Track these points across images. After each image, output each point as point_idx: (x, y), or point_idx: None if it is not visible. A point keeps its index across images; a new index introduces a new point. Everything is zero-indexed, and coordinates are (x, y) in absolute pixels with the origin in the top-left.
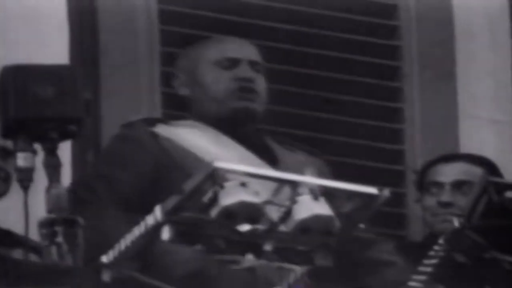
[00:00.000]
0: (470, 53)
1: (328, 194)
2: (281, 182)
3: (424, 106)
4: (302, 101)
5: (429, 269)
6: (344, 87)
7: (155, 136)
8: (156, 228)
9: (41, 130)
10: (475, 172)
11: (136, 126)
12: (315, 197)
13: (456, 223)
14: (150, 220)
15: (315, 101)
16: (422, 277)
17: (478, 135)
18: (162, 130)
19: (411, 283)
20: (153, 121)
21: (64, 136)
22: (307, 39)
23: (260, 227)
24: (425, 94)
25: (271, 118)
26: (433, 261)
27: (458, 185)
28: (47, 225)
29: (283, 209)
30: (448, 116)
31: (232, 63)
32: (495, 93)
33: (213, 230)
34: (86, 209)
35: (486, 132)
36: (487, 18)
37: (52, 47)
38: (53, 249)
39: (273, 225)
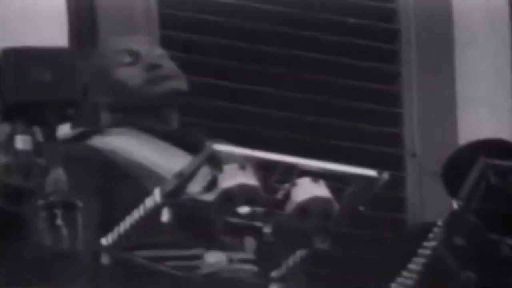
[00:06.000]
0: (469, 37)
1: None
2: (280, 164)
3: (423, 90)
4: (300, 83)
5: (427, 252)
6: (342, 70)
7: (98, 151)
8: (155, 211)
9: (39, 114)
10: None
11: (77, 142)
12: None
13: (455, 206)
14: (149, 202)
15: (313, 83)
16: (422, 260)
17: (476, 119)
18: (101, 142)
19: (411, 266)
20: (89, 134)
21: (62, 120)
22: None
23: (259, 209)
24: (423, 78)
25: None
26: (432, 243)
27: None
28: (46, 208)
29: (282, 192)
30: (446, 99)
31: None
32: (494, 77)
33: (212, 212)
34: None
35: (484, 116)
36: (486, 2)
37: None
38: (52, 232)
39: (272, 207)
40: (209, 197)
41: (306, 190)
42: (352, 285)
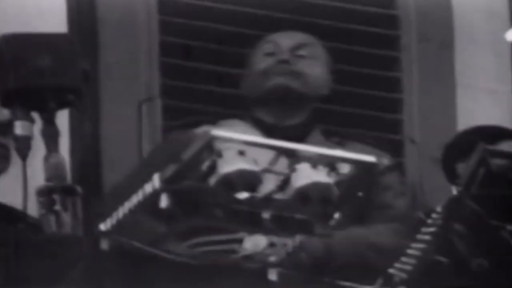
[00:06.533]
0: (468, 22)
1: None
2: (279, 150)
3: (423, 75)
4: None
5: (427, 237)
6: (342, 56)
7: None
8: (154, 196)
9: (38, 100)
10: None
11: (185, 129)
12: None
13: (454, 191)
14: (148, 188)
15: None
16: (421, 245)
17: (476, 105)
18: (202, 130)
19: (410, 251)
20: (201, 122)
21: (62, 105)
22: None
23: (259, 195)
24: (423, 64)
25: None
26: (431, 229)
27: None
28: (45, 193)
29: (281, 177)
30: (446, 85)
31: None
32: (493, 63)
33: (211, 198)
34: None
35: (484, 101)
36: None
37: None
38: (51, 218)
39: (271, 193)
40: (208, 182)
41: (306, 175)
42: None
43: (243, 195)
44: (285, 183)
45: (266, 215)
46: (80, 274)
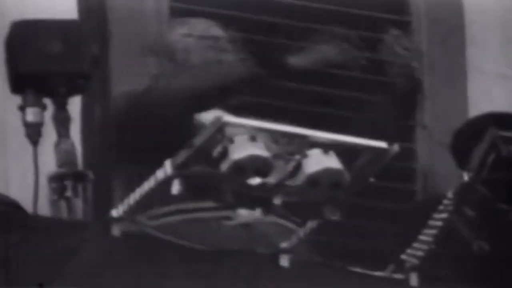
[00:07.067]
0: (478, 6)
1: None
2: (291, 136)
3: (434, 61)
4: None
5: (439, 223)
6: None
7: None
8: (166, 182)
9: (49, 85)
10: None
11: None
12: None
13: (465, 177)
14: (160, 174)
15: None
16: (433, 231)
17: (487, 90)
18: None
19: (421, 237)
20: None
21: (72, 91)
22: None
23: (270, 181)
24: (434, 49)
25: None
26: (443, 215)
27: None
28: (56, 179)
29: (293, 163)
30: (457, 71)
31: None
32: (504, 48)
33: (222, 184)
34: None
35: (495, 86)
36: None
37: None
38: (63, 204)
39: (283, 179)
40: (220, 168)
41: (317, 161)
42: (363, 254)
43: (254, 180)
44: (296, 168)
45: (277, 200)
46: (89, 259)
